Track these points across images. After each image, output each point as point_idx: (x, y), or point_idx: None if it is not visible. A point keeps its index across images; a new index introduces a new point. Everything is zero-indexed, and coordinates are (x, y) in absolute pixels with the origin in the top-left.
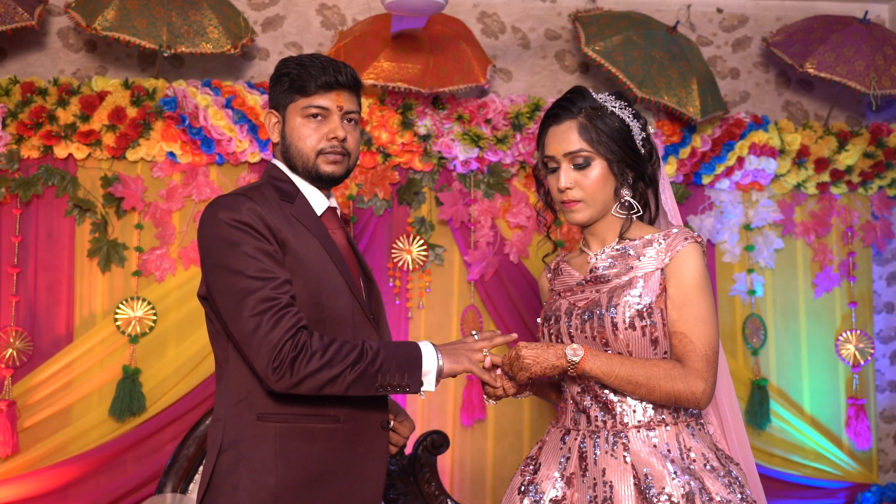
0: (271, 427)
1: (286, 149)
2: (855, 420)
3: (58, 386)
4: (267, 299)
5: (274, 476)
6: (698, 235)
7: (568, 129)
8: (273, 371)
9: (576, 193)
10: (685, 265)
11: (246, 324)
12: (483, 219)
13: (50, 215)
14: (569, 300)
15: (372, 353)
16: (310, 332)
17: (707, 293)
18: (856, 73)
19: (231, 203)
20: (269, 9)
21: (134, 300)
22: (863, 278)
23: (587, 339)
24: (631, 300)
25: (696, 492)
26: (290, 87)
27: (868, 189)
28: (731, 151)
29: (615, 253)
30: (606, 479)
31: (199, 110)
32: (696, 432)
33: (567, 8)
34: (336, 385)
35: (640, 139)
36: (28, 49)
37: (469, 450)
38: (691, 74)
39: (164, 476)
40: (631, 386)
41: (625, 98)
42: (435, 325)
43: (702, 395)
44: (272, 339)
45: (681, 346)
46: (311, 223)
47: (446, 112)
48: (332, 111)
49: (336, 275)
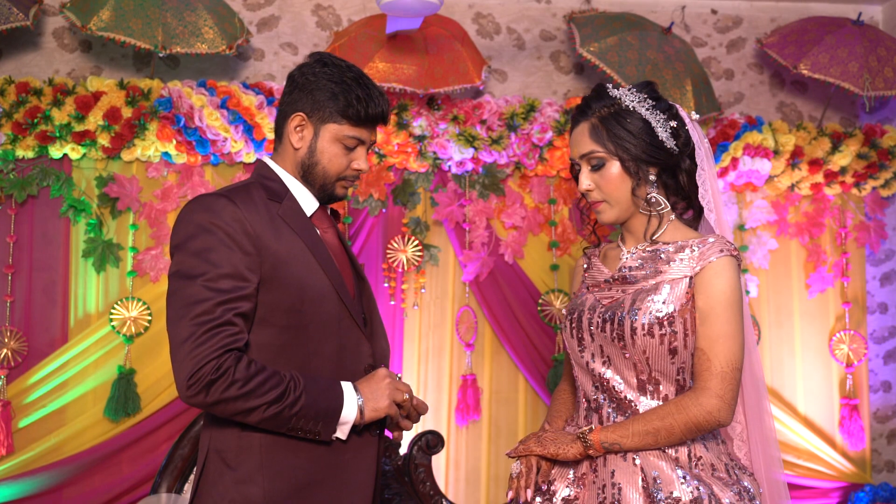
0: (256, 438)
1: (311, 164)
2: (848, 420)
3: (53, 386)
4: (207, 312)
5: (260, 488)
6: (735, 248)
7: (582, 131)
8: (188, 387)
9: (596, 195)
10: (716, 278)
11: (181, 331)
12: (478, 219)
13: (45, 215)
14: (595, 296)
15: (293, 397)
16: (238, 356)
17: (735, 310)
18: (849, 75)
19: (211, 205)
20: (264, 9)
21: (129, 300)
22: (856, 279)
23: (606, 340)
24: (653, 306)
25: (705, 497)
26: (337, 110)
27: (862, 190)
28: (725, 152)
29: (646, 254)
30: (615, 480)
31: (195, 111)
32: (707, 443)
33: (562, 9)
34: (248, 417)
35: (668, 130)
36: (23, 49)
37: (464, 450)
38: (686, 75)
39: (158, 476)
40: (651, 437)
41: (649, 89)
42: (430, 326)
43: (718, 412)
44: (197, 354)
45: (698, 363)
46: (299, 224)
47: (441, 113)
48: (366, 143)
49: (322, 279)
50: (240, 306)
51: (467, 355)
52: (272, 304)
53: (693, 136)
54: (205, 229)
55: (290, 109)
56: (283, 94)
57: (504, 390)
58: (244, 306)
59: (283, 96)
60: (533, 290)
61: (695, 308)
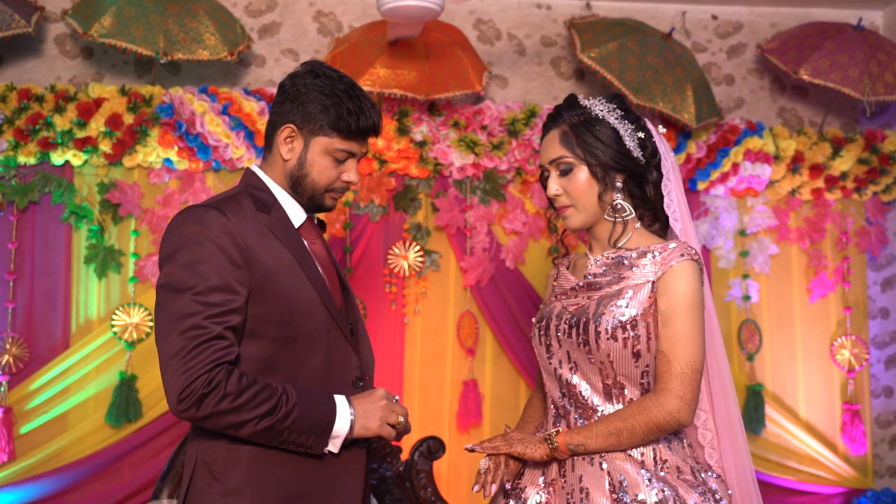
0: (244, 450)
1: (301, 175)
2: (850, 425)
3: (54, 392)
4: (197, 326)
5: (248, 500)
6: (696, 253)
7: (553, 137)
8: (179, 401)
9: (564, 199)
10: (677, 281)
11: (171, 345)
12: (479, 225)
13: (46, 221)
14: (562, 303)
15: (286, 410)
16: (229, 370)
17: (695, 313)
18: (850, 80)
19: (201, 216)
20: (265, 16)
21: (130, 306)
22: (857, 284)
23: (572, 345)
24: (617, 311)
25: (671, 499)
26: (327, 122)
27: (862, 195)
28: (725, 157)
29: (610, 261)
30: (583, 485)
31: (196, 117)
32: (672, 445)
33: (563, 15)
34: (240, 430)
35: (635, 140)
36: (25, 56)
37: (465, 455)
38: (686, 81)
39: (159, 482)
40: (614, 437)
41: (619, 100)
42: (431, 331)
43: (679, 412)
44: (188, 368)
45: (659, 365)
46: (287, 236)
47: (442, 118)
48: (357, 156)
49: (310, 291)
50: (230, 319)
51: (468, 361)
52: (261, 317)
53: (660, 149)
54: (194, 241)
55: (280, 120)
56: (274, 104)
57: (505, 396)
58: (234, 319)
59: (274, 105)
60: (534, 295)
61: (657, 312)
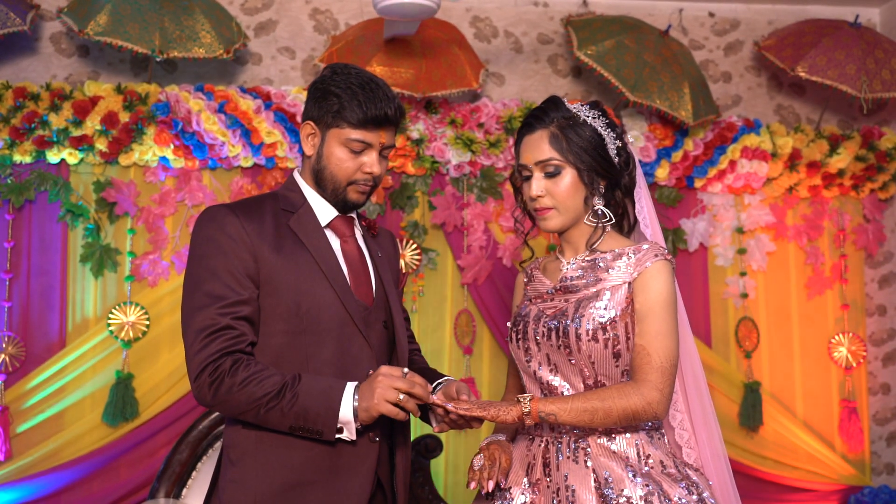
0: (253, 435)
1: (319, 169)
2: (847, 422)
3: (50, 391)
4: (207, 318)
5: (253, 483)
6: (668, 253)
7: (540, 138)
8: (195, 391)
9: (547, 201)
10: (652, 280)
11: (187, 338)
12: (476, 223)
13: (42, 220)
14: (538, 307)
15: (291, 394)
16: (236, 358)
17: (671, 310)
18: (847, 77)
19: (214, 215)
20: (261, 13)
21: (127, 305)
22: (855, 281)
23: (552, 348)
24: (596, 312)
25: (655, 494)
26: (339, 114)
27: (860, 192)
28: (723, 155)
29: (585, 263)
30: (569, 483)
31: (192, 115)
32: (653, 440)
33: (559, 12)
34: (247, 415)
35: (615, 148)
36: (20, 54)
37: (462, 453)
38: (683, 78)
39: (156, 481)
40: (588, 414)
41: (599, 107)
42: (428, 329)
43: (657, 405)
44: (199, 358)
45: (637, 358)
46: (309, 233)
47: (439, 116)
48: (374, 146)
49: (325, 288)
50: (239, 310)
51: (466, 359)
52: (269, 309)
53: (633, 156)
54: (208, 239)
55: (303, 119)
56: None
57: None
58: (244, 310)
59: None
60: None
61: (634, 312)
